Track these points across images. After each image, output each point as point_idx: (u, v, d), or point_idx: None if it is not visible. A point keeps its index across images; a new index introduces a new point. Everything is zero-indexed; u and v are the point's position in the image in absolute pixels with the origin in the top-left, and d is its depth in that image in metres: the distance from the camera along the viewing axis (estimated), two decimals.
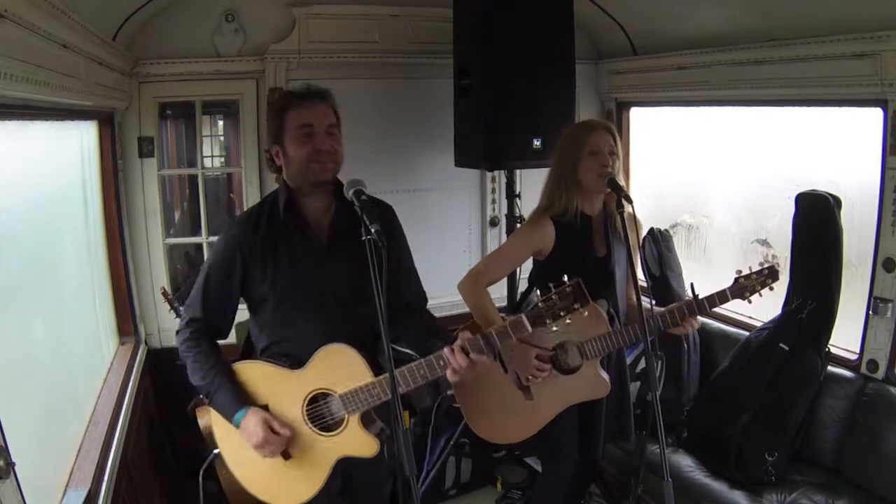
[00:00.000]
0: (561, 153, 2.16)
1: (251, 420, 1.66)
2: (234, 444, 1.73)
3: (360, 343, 1.71)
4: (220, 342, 1.80)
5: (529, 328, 1.53)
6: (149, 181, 2.96)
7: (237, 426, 1.68)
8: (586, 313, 1.50)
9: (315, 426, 1.71)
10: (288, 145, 1.71)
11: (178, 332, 1.80)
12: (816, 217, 2.39)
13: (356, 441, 1.70)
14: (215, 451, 1.78)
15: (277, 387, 1.72)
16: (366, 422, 1.70)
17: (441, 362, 1.60)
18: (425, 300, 1.92)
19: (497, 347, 1.59)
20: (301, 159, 1.69)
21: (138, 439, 2.41)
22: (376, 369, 1.68)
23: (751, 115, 2.93)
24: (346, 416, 1.69)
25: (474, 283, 2.17)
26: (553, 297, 1.50)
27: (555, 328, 1.51)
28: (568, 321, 1.51)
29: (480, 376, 2.14)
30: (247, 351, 1.89)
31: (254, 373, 1.74)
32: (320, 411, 1.72)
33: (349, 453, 1.72)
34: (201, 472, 1.85)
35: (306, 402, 1.71)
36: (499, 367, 1.66)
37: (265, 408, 1.71)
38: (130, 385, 2.48)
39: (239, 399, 1.70)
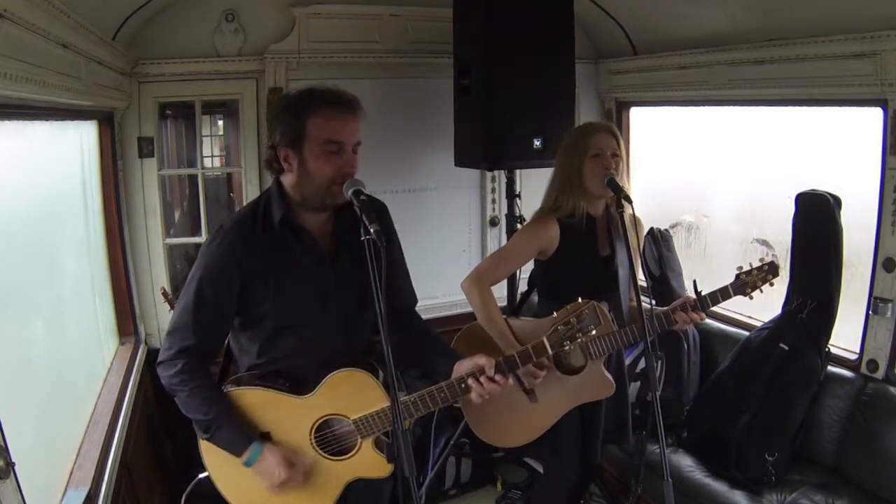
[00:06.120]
0: (564, 156, 2.16)
1: (271, 460, 1.57)
2: (225, 464, 1.61)
3: (360, 354, 1.68)
4: None
5: (550, 351, 1.58)
6: (149, 181, 2.95)
7: (249, 465, 1.57)
8: (594, 332, 1.57)
9: (323, 451, 1.65)
10: (308, 157, 1.54)
11: (160, 362, 1.60)
12: (816, 217, 2.39)
13: (368, 463, 1.66)
14: (200, 475, 1.66)
15: (280, 413, 1.62)
16: (379, 444, 1.66)
17: (463, 385, 1.57)
18: (416, 300, 1.87)
19: (519, 369, 1.61)
20: (324, 180, 1.53)
21: (138, 439, 2.41)
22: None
23: (751, 115, 2.92)
24: (359, 440, 1.64)
25: (478, 283, 2.16)
26: (572, 320, 1.56)
27: (568, 349, 1.59)
28: (580, 340, 1.58)
29: None
30: (226, 368, 1.77)
31: (252, 399, 1.62)
32: (329, 437, 1.65)
33: (361, 475, 1.67)
34: (183, 499, 1.77)
35: (314, 429, 1.63)
36: (518, 388, 1.68)
37: (266, 436, 1.62)
38: (130, 385, 2.47)
39: (247, 435, 1.58)
